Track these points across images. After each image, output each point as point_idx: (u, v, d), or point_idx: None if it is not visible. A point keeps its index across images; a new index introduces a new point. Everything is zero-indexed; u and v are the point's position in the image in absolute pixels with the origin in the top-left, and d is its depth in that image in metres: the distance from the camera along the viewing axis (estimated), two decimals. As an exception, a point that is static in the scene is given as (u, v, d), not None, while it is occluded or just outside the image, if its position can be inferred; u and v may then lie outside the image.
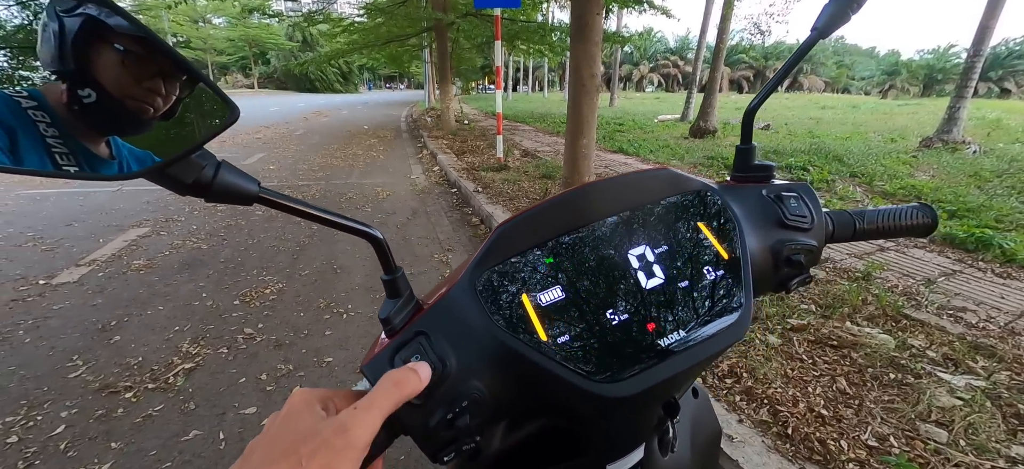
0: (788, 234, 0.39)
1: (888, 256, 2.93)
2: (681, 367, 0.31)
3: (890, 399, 1.57)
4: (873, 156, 6.43)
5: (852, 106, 22.14)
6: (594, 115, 3.50)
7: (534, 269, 0.34)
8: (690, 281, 0.35)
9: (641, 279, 0.34)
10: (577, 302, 0.33)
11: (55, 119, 0.25)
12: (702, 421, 0.66)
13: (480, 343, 0.32)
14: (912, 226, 0.45)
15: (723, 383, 1.62)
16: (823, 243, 0.41)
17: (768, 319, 2.07)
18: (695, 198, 0.39)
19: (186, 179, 0.26)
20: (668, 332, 0.32)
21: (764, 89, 0.45)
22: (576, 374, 0.30)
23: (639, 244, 0.36)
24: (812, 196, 0.42)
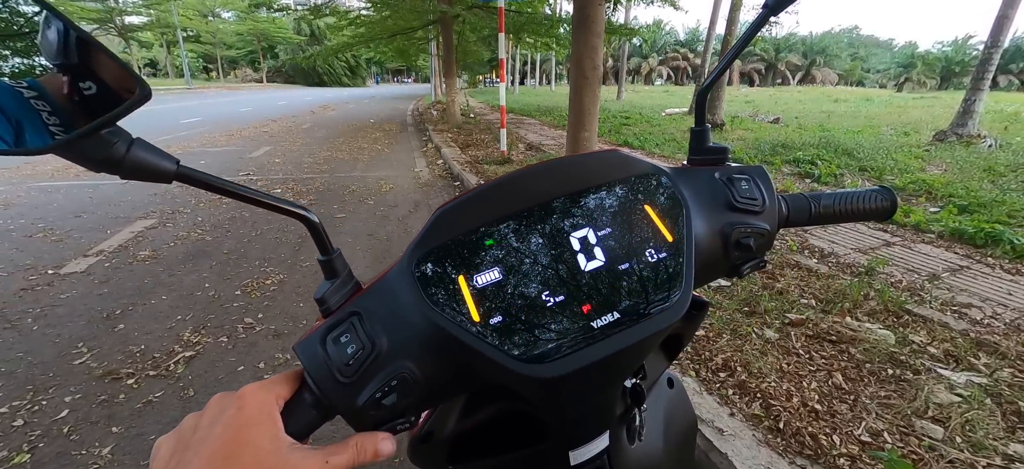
0: (738, 217, 0.38)
1: (894, 251, 2.88)
2: (613, 348, 0.31)
3: (887, 395, 1.55)
4: (884, 150, 6.31)
5: (866, 99, 21.71)
6: (596, 107, 3.47)
7: (473, 251, 0.34)
8: (631, 263, 0.34)
9: (581, 261, 0.34)
10: (514, 284, 0.33)
11: (55, 108, 0.27)
12: (677, 412, 0.65)
13: (413, 324, 0.32)
14: (870, 210, 0.44)
15: (717, 377, 1.61)
16: (776, 226, 0.40)
17: (766, 313, 2.05)
18: (644, 181, 0.38)
19: (96, 155, 0.26)
20: (602, 313, 0.32)
21: (716, 69, 0.45)
22: (504, 354, 0.30)
23: (582, 226, 0.35)
24: (765, 179, 0.41)
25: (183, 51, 35.86)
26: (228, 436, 0.26)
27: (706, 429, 1.34)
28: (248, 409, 0.28)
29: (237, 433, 0.26)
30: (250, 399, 0.28)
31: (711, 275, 0.41)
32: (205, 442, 0.26)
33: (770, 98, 23.04)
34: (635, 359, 0.36)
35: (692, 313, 0.55)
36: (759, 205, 0.39)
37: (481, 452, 0.50)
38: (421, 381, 0.32)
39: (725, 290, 2.28)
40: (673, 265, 0.34)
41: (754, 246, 0.38)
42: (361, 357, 0.30)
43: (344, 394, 0.30)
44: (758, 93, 31.17)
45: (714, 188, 0.39)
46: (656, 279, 0.34)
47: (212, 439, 0.26)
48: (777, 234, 0.42)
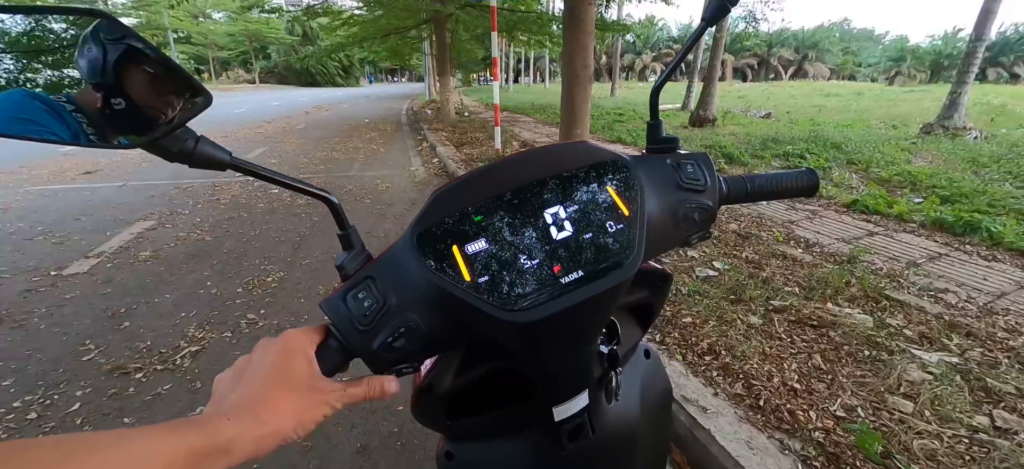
0: (685, 195, 0.46)
1: (876, 241, 2.98)
2: (578, 299, 0.38)
3: (862, 374, 1.64)
4: (872, 143, 6.43)
5: (857, 93, 21.93)
6: (587, 105, 3.55)
7: (464, 225, 0.41)
8: (594, 233, 0.42)
9: (553, 232, 0.41)
10: (498, 251, 0.40)
11: (91, 120, 0.33)
12: (653, 380, 0.73)
13: (416, 285, 0.39)
14: (796, 188, 0.52)
15: (702, 360, 1.69)
16: (718, 203, 0.48)
17: (751, 301, 2.14)
18: (607, 166, 0.46)
19: (173, 148, 0.33)
20: (569, 272, 0.39)
21: (665, 72, 0.52)
22: (489, 304, 0.37)
23: (554, 204, 0.43)
24: (708, 163, 0.48)
25: (174, 53, 35.59)
26: (277, 364, 0.34)
27: (690, 407, 1.42)
28: (290, 346, 0.35)
29: (284, 362, 0.34)
30: (291, 340, 0.36)
31: (665, 245, 0.49)
32: (259, 370, 0.34)
33: (762, 93, 23.21)
34: (600, 313, 0.43)
35: (658, 284, 0.62)
36: (702, 185, 0.46)
37: (476, 409, 0.58)
38: (424, 330, 0.39)
39: (712, 279, 2.36)
40: (629, 234, 0.42)
41: (698, 219, 0.45)
42: (375, 310, 0.38)
43: (362, 340, 0.38)
44: (750, 88, 31.36)
45: (665, 172, 0.46)
46: (614, 246, 0.41)
47: (265, 367, 0.33)
48: (719, 209, 0.50)
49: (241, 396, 0.33)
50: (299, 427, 0.34)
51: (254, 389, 0.33)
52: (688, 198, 0.46)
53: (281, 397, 0.33)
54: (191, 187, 4.92)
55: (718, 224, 3.21)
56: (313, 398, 0.35)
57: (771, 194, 0.52)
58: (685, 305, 2.08)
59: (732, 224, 3.25)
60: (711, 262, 2.58)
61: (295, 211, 4.06)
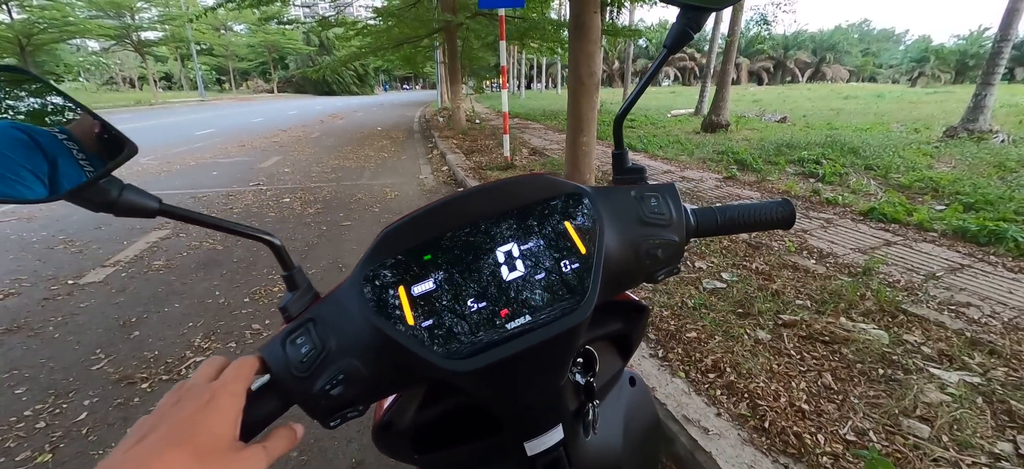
0: (648, 230, 0.43)
1: (894, 250, 2.87)
2: (523, 346, 0.36)
3: (875, 395, 1.57)
4: (892, 147, 6.24)
5: (877, 95, 21.37)
6: (594, 113, 3.52)
7: (412, 265, 0.40)
8: (547, 273, 0.40)
9: (504, 272, 0.40)
10: (445, 292, 0.39)
11: (82, 148, 0.33)
12: (638, 409, 0.70)
13: (358, 328, 0.38)
14: (770, 220, 0.49)
15: (706, 378, 1.64)
16: (685, 237, 0.45)
17: (760, 314, 2.07)
18: (565, 200, 0.44)
19: (96, 199, 0.33)
20: (516, 317, 0.38)
21: (629, 97, 0.50)
22: (429, 351, 0.36)
23: (508, 242, 0.41)
24: (674, 195, 0.46)
25: (197, 64, 36.76)
26: (192, 420, 0.30)
27: (692, 428, 1.38)
28: (217, 401, 0.32)
29: (201, 419, 0.30)
30: (221, 394, 0.32)
31: (630, 282, 0.46)
32: (169, 419, 0.30)
33: (778, 96, 22.80)
34: (558, 355, 0.41)
35: (633, 316, 0.60)
36: (667, 219, 0.44)
37: (444, 443, 0.56)
38: (366, 376, 0.37)
39: (719, 292, 2.30)
40: (583, 275, 0.40)
41: (661, 256, 0.43)
42: (313, 355, 0.36)
43: (301, 386, 0.36)
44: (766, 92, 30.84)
45: (627, 205, 0.44)
46: (568, 287, 0.39)
47: (176, 419, 0.30)
48: (687, 244, 0.47)
49: (132, 453, 0.28)
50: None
51: (150, 447, 0.28)
52: (652, 233, 0.43)
53: (178, 465, 0.28)
54: (206, 197, 5.03)
55: (728, 233, 3.13)
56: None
57: (744, 226, 0.49)
58: (690, 319, 2.03)
59: (742, 234, 3.17)
60: (719, 273, 2.52)
61: (305, 220, 4.12)
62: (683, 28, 0.44)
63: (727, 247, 2.90)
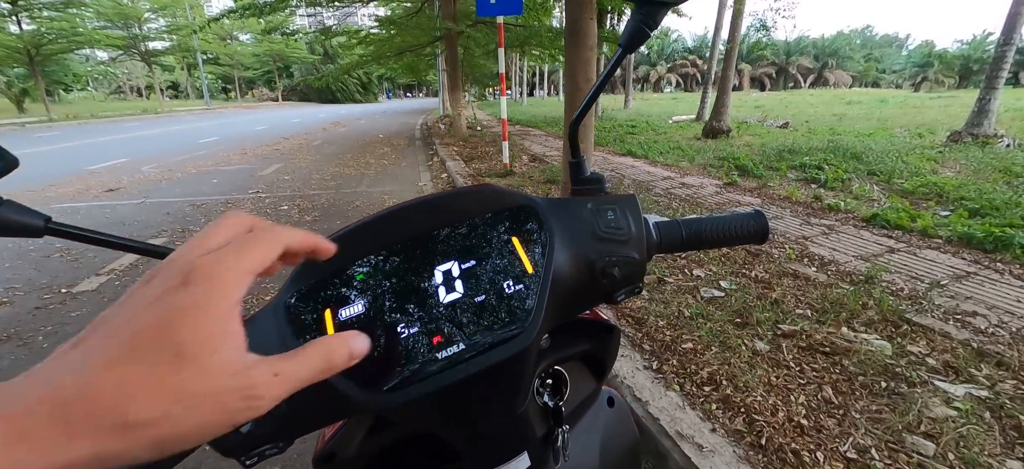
0: (604, 247, 0.40)
1: (897, 258, 2.81)
2: (456, 377, 0.33)
3: (878, 409, 1.51)
4: (895, 152, 6.17)
5: (880, 100, 21.28)
6: (591, 119, 3.50)
7: (342, 285, 0.36)
8: (487, 294, 0.36)
9: (441, 293, 0.36)
10: (376, 316, 0.35)
11: None
12: (616, 432, 0.66)
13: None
14: (742, 234, 0.45)
15: (701, 391, 1.59)
16: (646, 254, 0.41)
17: (758, 324, 2.02)
18: (515, 213, 0.40)
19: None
20: (449, 345, 0.34)
21: (584, 103, 0.47)
22: (348, 383, 0.32)
23: (449, 259, 0.37)
24: (633, 207, 0.42)
25: (203, 73, 37.20)
26: (166, 309, 0.20)
27: (685, 445, 1.32)
28: (215, 281, 0.21)
29: (180, 308, 0.20)
30: (218, 269, 0.22)
31: (586, 303, 0.43)
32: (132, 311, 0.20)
33: (780, 102, 22.75)
34: (502, 385, 0.37)
35: (603, 336, 0.56)
36: (625, 234, 0.40)
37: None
38: (284, 410, 0.34)
39: (717, 301, 2.25)
40: (528, 297, 0.36)
41: (618, 275, 0.39)
42: None
43: None
44: (768, 97, 30.80)
45: (582, 219, 0.40)
46: (510, 310, 0.36)
47: (142, 311, 0.20)
48: (650, 261, 0.43)
49: (65, 359, 0.19)
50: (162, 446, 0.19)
51: (93, 352, 0.19)
52: (608, 249, 0.40)
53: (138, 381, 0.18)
54: (205, 205, 5.03)
55: (727, 241, 3.08)
56: (229, 396, 0.20)
57: (712, 241, 0.45)
58: (686, 329, 1.98)
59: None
60: (717, 282, 2.47)
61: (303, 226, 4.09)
62: (639, 25, 0.40)
63: (726, 254, 2.85)
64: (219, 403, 0.20)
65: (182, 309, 0.20)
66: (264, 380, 0.21)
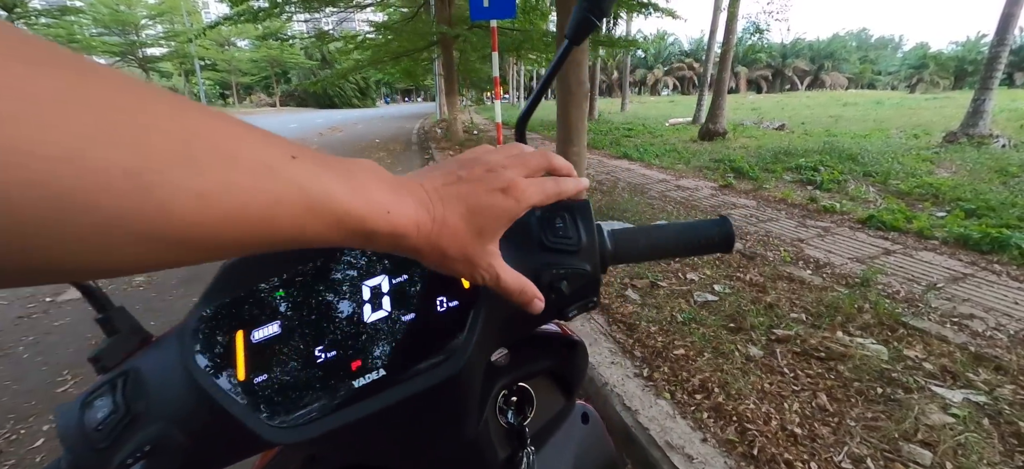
0: (550, 258, 0.36)
1: (893, 260, 2.78)
2: (374, 408, 0.29)
3: (874, 416, 1.47)
4: (891, 154, 6.16)
5: (876, 102, 21.36)
6: (584, 122, 3.47)
7: (258, 304, 0.32)
8: (418, 314, 0.32)
9: (366, 312, 0.32)
10: (292, 338, 0.31)
11: None
12: (591, 449, 0.62)
13: (179, 384, 0.30)
14: (706, 242, 0.41)
15: (692, 399, 1.55)
16: (599, 266, 0.37)
17: (752, 329, 1.98)
18: None
19: None
20: (369, 370, 0.30)
21: (531, 98, 0.43)
22: (251, 415, 0.28)
23: (378, 274, 0.34)
24: (585, 214, 0.38)
25: (200, 80, 37.20)
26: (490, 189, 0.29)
27: (675, 456, 1.28)
28: (515, 192, 0.29)
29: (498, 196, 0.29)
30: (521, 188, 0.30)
31: (534, 320, 0.39)
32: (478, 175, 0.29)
33: (776, 104, 22.83)
34: (438, 411, 0.33)
35: (565, 352, 0.52)
36: (573, 244, 0.36)
37: None
38: (187, 446, 0.30)
39: (710, 305, 2.21)
40: (462, 316, 0.32)
41: (567, 289, 0.35)
42: (112, 421, 0.29)
43: (96, 461, 0.29)
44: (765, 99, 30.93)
45: (527, 228, 0.37)
46: (440, 331, 0.32)
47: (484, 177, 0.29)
48: (605, 273, 0.40)
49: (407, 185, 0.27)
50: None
51: (446, 191, 0.28)
52: (556, 261, 0.36)
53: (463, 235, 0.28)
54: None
55: (722, 243, 3.05)
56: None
57: (674, 250, 0.42)
58: (678, 334, 1.94)
59: (737, 243, 3.08)
60: (711, 286, 2.43)
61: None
62: (585, 15, 0.37)
63: (721, 258, 2.82)
64: (473, 269, 0.29)
65: (496, 209, 0.28)
66: (494, 274, 0.30)
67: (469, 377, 0.33)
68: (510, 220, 0.29)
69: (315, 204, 0.20)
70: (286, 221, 0.19)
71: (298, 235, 0.20)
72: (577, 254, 0.36)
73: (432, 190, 0.27)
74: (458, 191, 0.28)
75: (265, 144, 0.19)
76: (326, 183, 0.21)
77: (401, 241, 0.25)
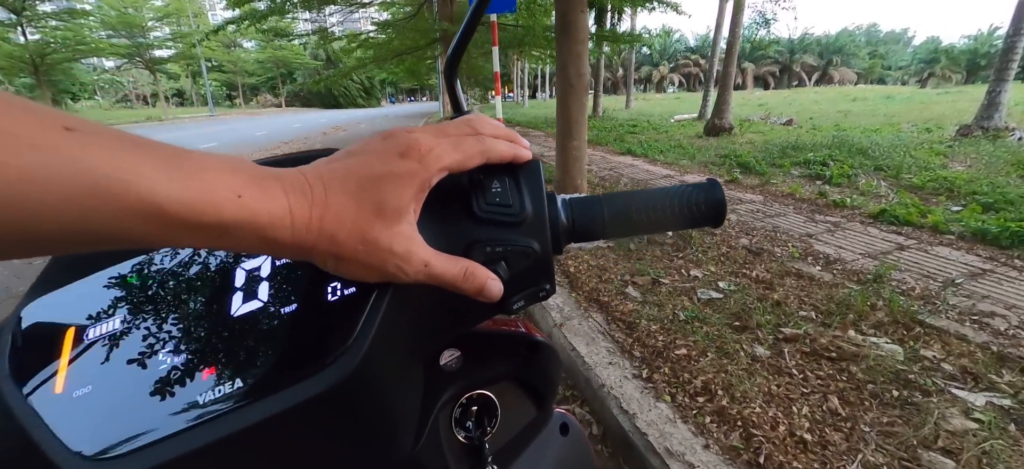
0: (483, 231, 0.27)
1: (907, 255, 2.66)
2: (222, 432, 0.21)
3: (890, 421, 1.37)
4: (903, 148, 5.99)
5: (886, 97, 21.00)
6: (584, 115, 3.38)
7: (100, 293, 0.25)
8: (301, 305, 0.24)
9: (235, 302, 0.24)
10: (133, 337, 0.23)
11: None
12: (569, 464, 0.54)
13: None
14: (689, 214, 0.32)
15: (694, 402, 1.46)
16: (550, 242, 0.29)
17: (759, 328, 1.88)
18: None
19: None
20: (224, 380, 0.22)
21: (456, 39, 0.35)
22: (54, 441, 0.21)
23: (260, 254, 0.26)
24: (531, 178, 0.29)
25: (207, 81, 37.48)
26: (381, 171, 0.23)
27: (674, 464, 1.19)
28: (430, 160, 0.24)
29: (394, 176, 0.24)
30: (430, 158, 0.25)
31: (469, 314, 0.30)
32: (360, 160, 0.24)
33: (784, 100, 22.54)
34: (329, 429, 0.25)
35: (529, 355, 0.44)
36: (514, 213, 0.28)
37: None
38: None
39: (715, 303, 2.12)
40: (357, 308, 0.24)
41: (505, 273, 0.27)
42: None
43: None
44: (772, 96, 30.56)
45: (454, 192, 0.28)
46: (328, 327, 0.24)
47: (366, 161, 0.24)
48: (560, 252, 0.31)
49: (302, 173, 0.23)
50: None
51: (325, 172, 0.23)
52: (490, 236, 0.27)
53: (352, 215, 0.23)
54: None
55: (727, 238, 2.95)
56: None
57: (650, 224, 0.32)
58: (681, 333, 1.85)
59: (743, 238, 2.98)
60: (715, 282, 2.33)
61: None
62: None
63: (726, 253, 2.71)
64: (382, 259, 0.23)
65: (391, 176, 0.23)
66: (417, 262, 0.24)
67: (372, 383, 0.24)
68: (419, 189, 0.24)
69: (109, 187, 0.16)
70: (57, 209, 0.15)
71: (87, 228, 0.16)
72: (519, 227, 0.27)
73: (312, 172, 0.22)
74: (346, 166, 0.23)
75: (23, 112, 0.16)
76: (128, 163, 0.17)
77: (270, 234, 0.20)
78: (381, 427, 0.29)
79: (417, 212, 0.24)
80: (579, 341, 1.80)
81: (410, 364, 0.31)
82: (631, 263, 2.58)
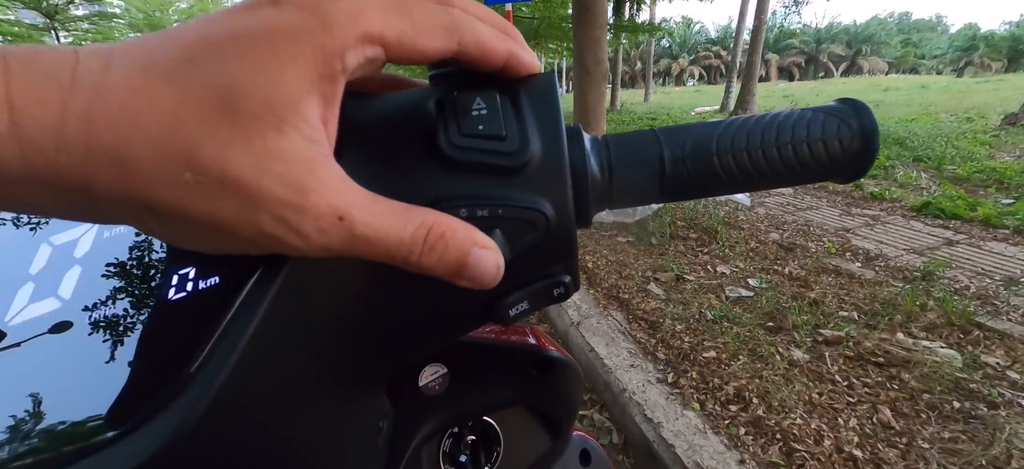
0: (458, 182, 0.16)
1: (958, 251, 2.45)
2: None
3: (952, 437, 1.21)
4: (943, 138, 5.64)
5: (921, 86, 20.05)
6: (602, 104, 3.24)
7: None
8: (128, 308, 0.15)
9: (15, 305, 0.15)
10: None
11: None
12: None
13: None
14: (818, 158, 0.20)
15: (726, 410, 1.33)
16: (571, 202, 0.17)
17: (795, 329, 1.73)
18: None
19: None
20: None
21: None
22: None
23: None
24: (539, 98, 0.17)
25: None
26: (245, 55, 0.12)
27: (706, 481, 1.07)
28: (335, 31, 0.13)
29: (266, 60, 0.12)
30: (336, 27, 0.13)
31: (439, 331, 0.20)
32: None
33: (810, 91, 21.74)
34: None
35: (541, 378, 0.33)
36: (509, 152, 0.16)
37: None
38: None
39: (745, 301, 1.97)
40: (222, 308, 0.14)
41: (507, 253, 0.16)
42: None
43: None
44: (797, 87, 29.55)
45: (409, 117, 0.17)
46: (166, 346, 0.14)
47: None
48: (586, 224, 0.19)
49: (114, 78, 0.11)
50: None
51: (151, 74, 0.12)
52: (469, 189, 0.16)
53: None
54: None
55: (755, 232, 2.77)
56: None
57: (744, 176, 0.20)
58: (709, 334, 1.71)
59: (773, 233, 2.80)
60: (745, 279, 2.18)
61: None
62: None
63: (754, 248, 2.55)
64: (246, 206, 0.12)
65: (255, 37, 0.12)
66: (323, 210, 0.13)
67: (249, 437, 0.14)
68: (321, 68, 0.13)
69: None
70: None
71: None
72: (518, 175, 0.16)
73: (91, 47, 0.12)
74: (166, 33, 0.13)
75: None
76: None
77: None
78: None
79: (328, 124, 0.14)
80: (598, 341, 1.68)
81: (343, 395, 0.20)
82: (652, 258, 2.44)
